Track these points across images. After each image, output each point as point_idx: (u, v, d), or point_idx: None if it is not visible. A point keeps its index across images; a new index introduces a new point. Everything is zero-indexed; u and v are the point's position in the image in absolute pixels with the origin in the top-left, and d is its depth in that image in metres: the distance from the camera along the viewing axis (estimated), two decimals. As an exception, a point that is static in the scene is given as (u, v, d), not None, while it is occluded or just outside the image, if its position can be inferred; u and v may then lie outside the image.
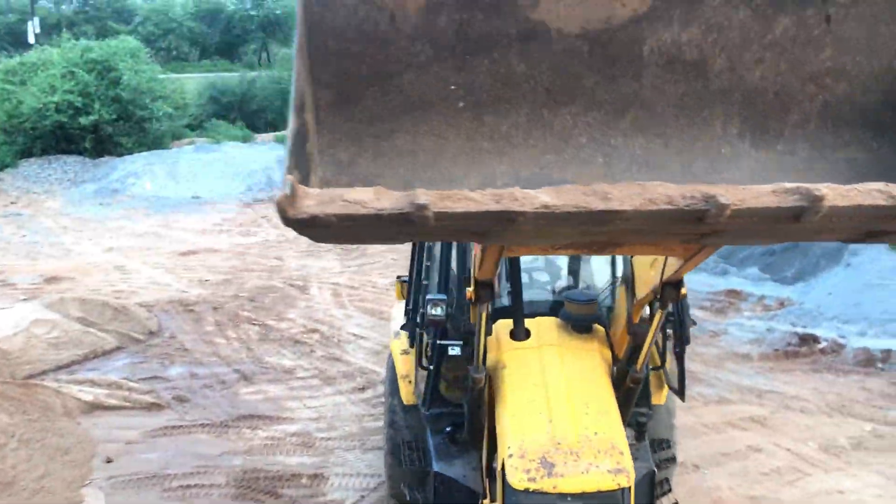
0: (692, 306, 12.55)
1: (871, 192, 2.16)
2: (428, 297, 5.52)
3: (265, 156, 24.85)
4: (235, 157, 24.65)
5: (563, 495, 4.51)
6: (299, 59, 2.51)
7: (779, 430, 8.55)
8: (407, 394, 6.30)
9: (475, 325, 4.66)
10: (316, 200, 2.08)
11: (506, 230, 2.19)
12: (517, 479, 4.54)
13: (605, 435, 4.76)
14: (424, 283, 6.23)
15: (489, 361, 5.11)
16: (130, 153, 25.60)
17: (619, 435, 4.81)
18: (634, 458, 4.83)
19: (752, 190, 2.13)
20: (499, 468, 4.84)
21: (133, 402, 9.10)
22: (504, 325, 5.45)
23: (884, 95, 2.83)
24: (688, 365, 10.20)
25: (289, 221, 2.11)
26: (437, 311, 5.33)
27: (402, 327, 6.62)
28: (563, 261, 6.64)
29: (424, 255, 6.33)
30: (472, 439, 5.64)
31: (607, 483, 4.55)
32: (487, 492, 5.31)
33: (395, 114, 2.65)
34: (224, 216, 20.47)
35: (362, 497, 7.24)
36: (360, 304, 12.84)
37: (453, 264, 5.90)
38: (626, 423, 5.19)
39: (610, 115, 2.83)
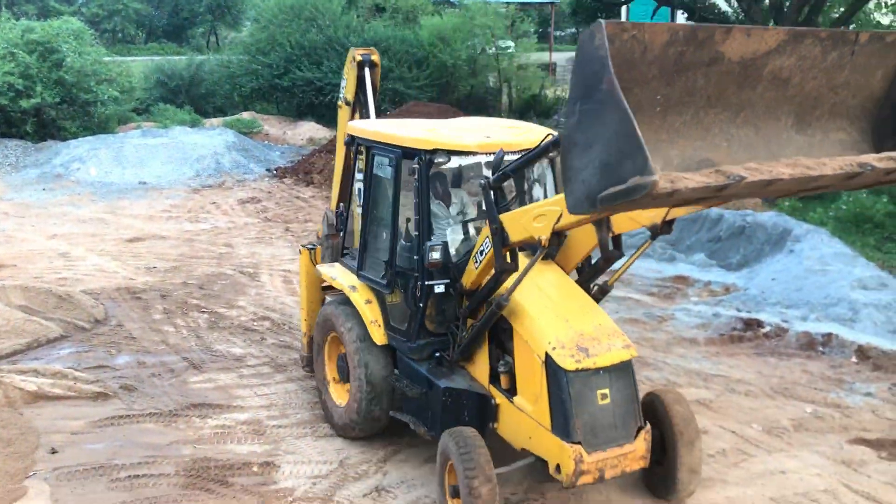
0: (640, 291, 12.77)
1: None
2: (428, 243, 6.75)
3: (213, 140, 24.47)
4: (183, 142, 24.22)
5: (598, 369, 6.18)
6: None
7: (724, 412, 8.75)
8: (379, 336, 7.49)
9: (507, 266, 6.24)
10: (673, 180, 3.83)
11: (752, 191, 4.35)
12: (568, 363, 6.08)
13: (605, 324, 6.52)
14: (380, 233, 7.58)
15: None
16: (75, 137, 24.98)
17: (612, 323, 6.60)
18: None
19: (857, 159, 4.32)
20: (541, 361, 6.21)
21: (78, 392, 8.92)
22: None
23: (864, 100, 5.06)
24: (636, 350, 10.41)
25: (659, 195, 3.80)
26: (436, 256, 6.70)
27: (376, 278, 7.58)
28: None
29: (374, 210, 7.66)
30: (465, 359, 7.04)
31: (623, 356, 6.36)
32: (497, 395, 6.73)
33: None
34: (172, 202, 20.12)
35: (314, 484, 7.22)
36: (312, 292, 12.73)
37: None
38: None
39: (734, 113, 4.67)
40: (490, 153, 7.02)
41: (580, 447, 6.04)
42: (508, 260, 6.29)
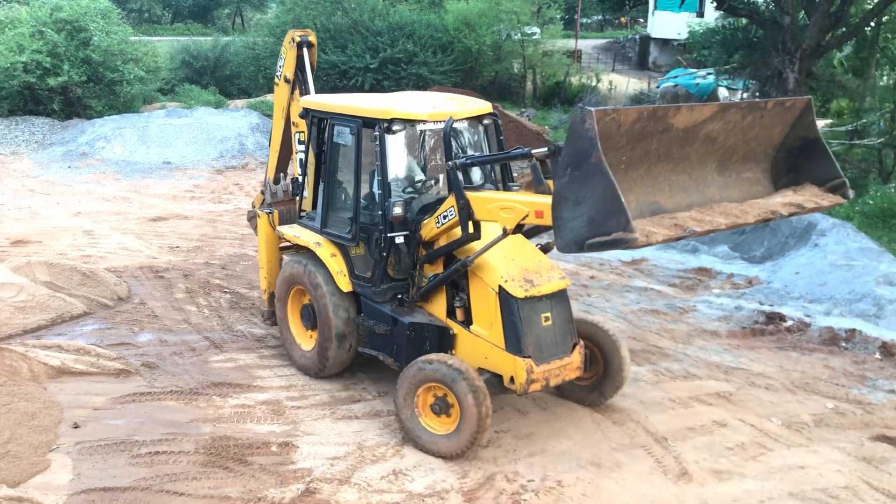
0: (661, 282, 12.69)
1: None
2: (391, 200, 7.89)
3: (238, 122, 24.56)
4: (207, 123, 24.34)
5: (542, 297, 7.55)
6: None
7: (744, 405, 8.70)
8: (345, 284, 8.59)
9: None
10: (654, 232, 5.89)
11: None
12: (518, 292, 7.41)
13: (543, 261, 7.93)
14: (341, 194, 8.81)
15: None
16: (100, 116, 25.18)
17: (549, 260, 8.03)
18: None
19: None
20: (495, 292, 7.52)
21: (101, 368, 9.01)
22: None
23: (766, 147, 7.17)
24: (656, 341, 10.36)
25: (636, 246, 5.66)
26: (399, 210, 7.88)
27: (342, 234, 8.61)
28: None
29: (334, 174, 8.80)
30: (424, 299, 8.20)
31: (561, 285, 7.77)
32: (454, 326, 7.93)
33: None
34: (195, 182, 20.24)
35: (332, 465, 7.26)
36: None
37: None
38: None
39: (675, 165, 6.47)
40: (438, 121, 8.32)
41: (530, 360, 7.37)
42: (471, 231, 7.49)
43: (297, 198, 9.53)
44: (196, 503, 6.60)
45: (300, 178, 9.43)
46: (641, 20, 61.53)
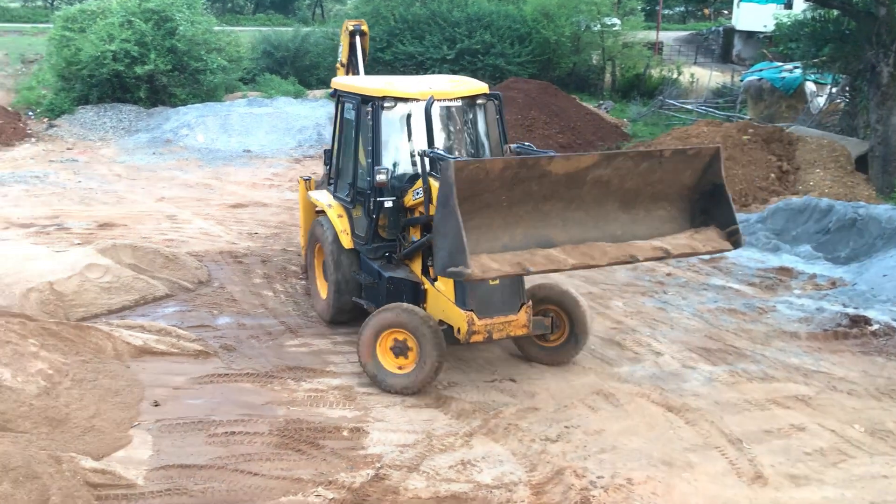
0: (740, 281, 12.37)
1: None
2: (377, 167, 8.86)
3: (316, 112, 24.92)
4: (287, 113, 24.78)
5: None
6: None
7: (824, 410, 8.42)
8: (347, 242, 9.74)
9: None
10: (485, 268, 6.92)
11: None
12: None
13: None
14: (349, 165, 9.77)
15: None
16: (184, 104, 25.87)
17: None
18: None
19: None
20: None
21: (181, 349, 9.29)
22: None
23: (679, 189, 7.67)
24: (733, 341, 10.12)
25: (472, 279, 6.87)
26: (382, 177, 8.79)
27: (344, 197, 9.88)
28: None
29: (344, 145, 10.03)
30: (408, 258, 9.16)
31: None
32: (425, 282, 8.85)
33: (480, 210, 6.89)
34: (274, 171, 20.64)
35: (401, 452, 7.33)
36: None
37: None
38: None
39: (567, 203, 7.20)
40: (449, 99, 9.34)
41: (472, 314, 8.22)
42: (432, 212, 7.98)
43: (327, 166, 10.85)
44: (269, 484, 6.75)
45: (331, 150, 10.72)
46: (726, 12, 60.00)
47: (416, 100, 9.16)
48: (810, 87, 27.09)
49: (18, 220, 14.81)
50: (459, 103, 9.43)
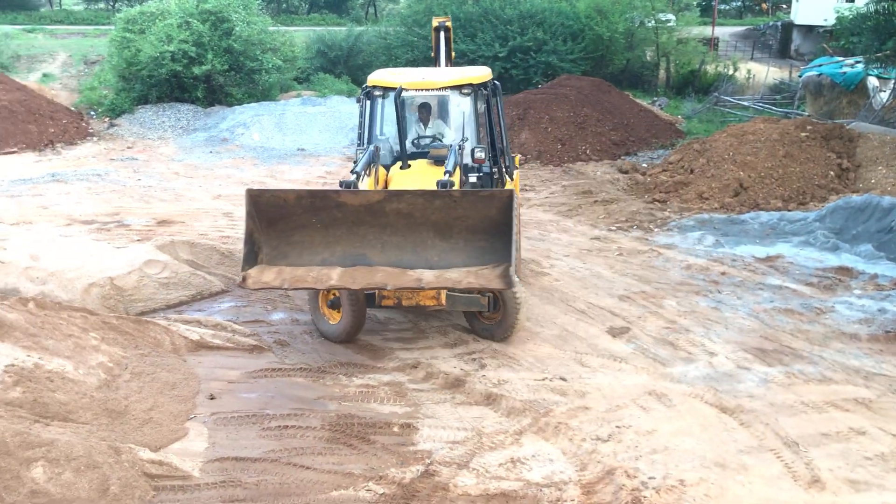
0: (797, 281, 12.10)
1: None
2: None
3: (369, 110, 25.07)
4: (340, 111, 25.03)
5: None
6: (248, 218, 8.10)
7: (885, 414, 8.19)
8: None
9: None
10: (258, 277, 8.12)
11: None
12: None
13: None
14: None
15: None
16: (240, 104, 26.33)
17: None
18: None
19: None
20: None
21: (236, 344, 9.46)
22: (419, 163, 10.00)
23: (489, 223, 7.80)
24: (790, 342, 9.91)
25: (245, 287, 8.09)
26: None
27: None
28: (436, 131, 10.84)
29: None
30: None
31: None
32: None
33: (297, 229, 8.15)
34: (327, 169, 20.86)
35: (451, 449, 7.35)
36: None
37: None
38: None
39: (382, 227, 8.03)
40: (418, 90, 10.12)
41: None
42: None
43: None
44: (321, 477, 6.83)
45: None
46: (784, 6, 58.72)
47: (407, 90, 9.91)
48: (873, 82, 26.35)
49: (80, 216, 15.25)
50: (441, 93, 10.21)
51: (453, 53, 12.92)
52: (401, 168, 9.88)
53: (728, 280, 12.31)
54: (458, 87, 10.18)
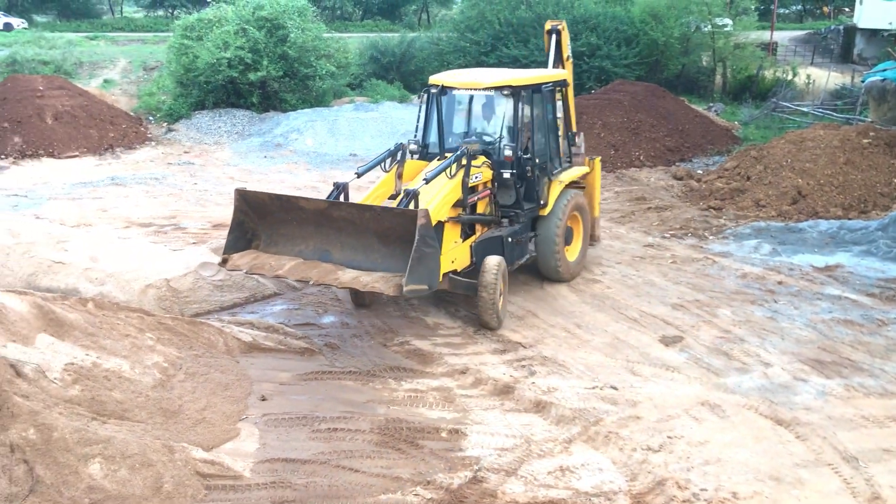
0: (858, 291, 11.77)
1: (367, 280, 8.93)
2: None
3: (420, 116, 25.18)
4: (391, 117, 25.18)
5: None
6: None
7: (950, 430, 7.92)
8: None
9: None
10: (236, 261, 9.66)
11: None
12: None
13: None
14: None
15: None
16: (294, 109, 26.65)
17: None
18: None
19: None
20: None
21: (288, 346, 9.56)
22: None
23: (394, 233, 8.96)
24: (849, 353, 9.66)
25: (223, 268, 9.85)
26: (413, 147, 11.57)
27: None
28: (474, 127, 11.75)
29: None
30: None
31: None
32: None
33: (282, 223, 9.73)
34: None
35: (499, 456, 7.32)
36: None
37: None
38: None
39: (338, 230, 9.35)
40: (469, 89, 11.28)
41: None
42: None
43: None
44: (369, 481, 6.86)
45: None
46: (847, 9, 57.37)
47: (457, 88, 11.31)
48: (939, 87, 25.51)
49: (138, 219, 15.59)
50: (485, 93, 11.22)
51: (567, 55, 13.23)
52: (437, 159, 11.10)
53: (785, 289, 12.04)
54: (500, 89, 10.97)
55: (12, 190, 18.28)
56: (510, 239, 11.05)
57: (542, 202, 11.49)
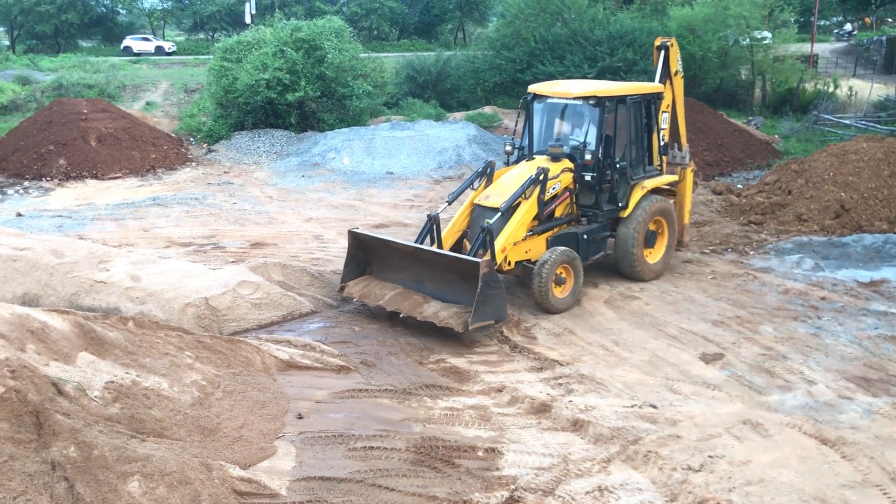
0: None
1: None
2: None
3: (456, 134, 25.28)
4: (428, 135, 25.27)
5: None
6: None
7: None
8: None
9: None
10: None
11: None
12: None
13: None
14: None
15: None
16: (332, 129, 26.91)
17: None
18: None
19: None
20: None
21: (324, 364, 9.59)
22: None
23: (463, 275, 10.64)
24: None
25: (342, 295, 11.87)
26: (508, 148, 12.61)
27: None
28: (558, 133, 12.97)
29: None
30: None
31: None
32: None
33: (385, 257, 11.69)
34: (415, 192, 21.06)
35: (536, 475, 7.24)
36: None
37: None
38: None
39: (428, 267, 11.24)
40: (561, 98, 12.48)
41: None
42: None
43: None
44: (405, 500, 6.82)
45: None
46: (890, 20, 56.42)
47: (548, 97, 12.61)
48: None
49: (179, 239, 15.82)
50: (573, 102, 12.34)
51: (675, 70, 13.99)
52: (526, 160, 12.52)
53: (828, 305, 11.79)
54: (586, 99, 12.11)
55: (57, 211, 18.68)
56: (585, 236, 12.16)
57: (620, 204, 12.47)
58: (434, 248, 11.28)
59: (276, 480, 7.01)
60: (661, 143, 13.40)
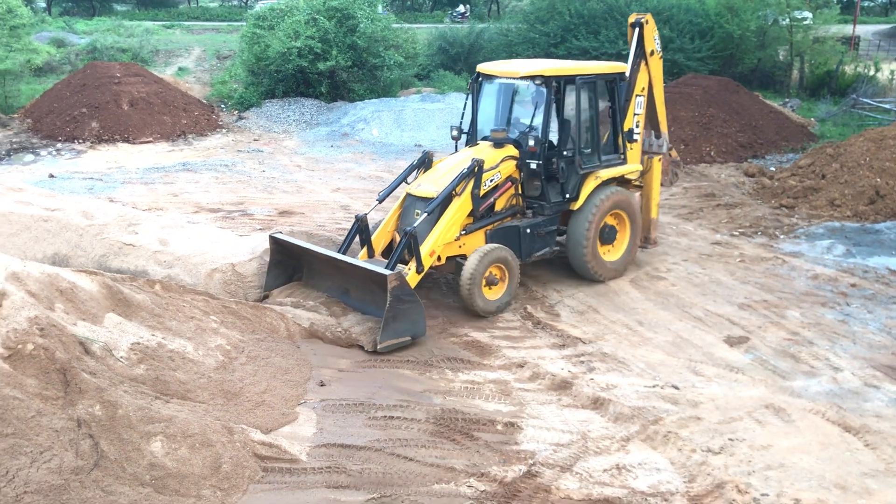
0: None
1: None
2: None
3: (487, 107, 25.09)
4: (457, 108, 25.04)
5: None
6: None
7: None
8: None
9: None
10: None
11: None
12: None
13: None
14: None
15: None
16: (362, 99, 26.85)
17: None
18: None
19: None
20: None
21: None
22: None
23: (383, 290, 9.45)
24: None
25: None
26: (454, 133, 11.87)
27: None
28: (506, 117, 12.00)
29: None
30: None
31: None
32: None
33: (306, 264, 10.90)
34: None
35: (555, 451, 7.25)
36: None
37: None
38: None
39: (348, 276, 10.37)
40: (508, 78, 11.44)
41: None
42: None
43: None
44: (423, 470, 6.87)
45: None
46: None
47: (496, 77, 11.57)
48: None
49: (207, 205, 15.93)
50: (517, 82, 11.44)
51: (651, 50, 12.67)
52: (468, 146, 11.73)
53: (858, 292, 11.63)
54: (532, 78, 11.05)
55: (89, 173, 18.88)
56: (528, 230, 11.06)
57: (569, 196, 11.34)
58: (347, 258, 10.09)
59: (296, 446, 7.09)
60: (628, 130, 12.18)
